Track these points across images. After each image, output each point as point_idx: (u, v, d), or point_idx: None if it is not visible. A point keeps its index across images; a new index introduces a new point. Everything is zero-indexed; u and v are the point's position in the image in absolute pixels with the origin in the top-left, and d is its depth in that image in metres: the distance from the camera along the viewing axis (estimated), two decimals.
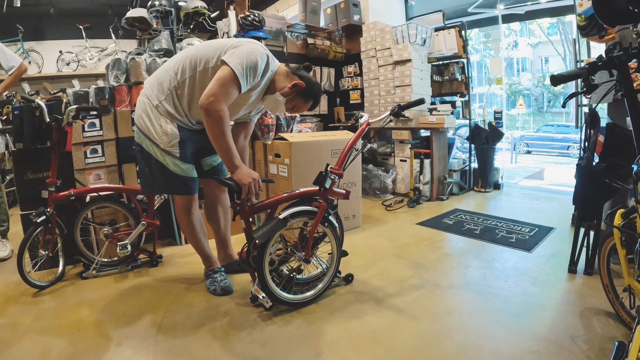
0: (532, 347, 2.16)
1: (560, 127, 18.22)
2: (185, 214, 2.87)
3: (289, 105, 2.72)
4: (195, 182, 2.82)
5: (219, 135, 2.40)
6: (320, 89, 2.82)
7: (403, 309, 2.63)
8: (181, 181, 2.72)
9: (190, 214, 2.88)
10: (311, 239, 2.64)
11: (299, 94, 2.67)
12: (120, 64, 3.86)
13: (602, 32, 3.58)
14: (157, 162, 2.67)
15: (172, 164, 2.67)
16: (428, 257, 3.55)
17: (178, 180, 2.71)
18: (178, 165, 2.67)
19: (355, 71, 6.95)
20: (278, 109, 2.75)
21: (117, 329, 2.45)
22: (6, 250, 3.78)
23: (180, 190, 2.78)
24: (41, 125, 3.35)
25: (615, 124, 2.75)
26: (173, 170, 2.68)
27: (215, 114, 2.35)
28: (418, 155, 5.60)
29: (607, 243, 2.39)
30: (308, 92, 2.69)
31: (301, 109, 2.77)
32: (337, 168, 2.66)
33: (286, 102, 2.68)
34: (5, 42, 5.83)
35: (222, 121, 2.37)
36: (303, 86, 2.64)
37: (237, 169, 2.45)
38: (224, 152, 2.45)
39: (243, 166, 2.49)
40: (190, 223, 2.91)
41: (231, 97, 2.41)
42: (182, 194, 2.80)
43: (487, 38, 7.42)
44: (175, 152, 2.65)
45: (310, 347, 2.22)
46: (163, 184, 2.74)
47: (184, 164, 2.70)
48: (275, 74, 2.66)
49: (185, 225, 2.93)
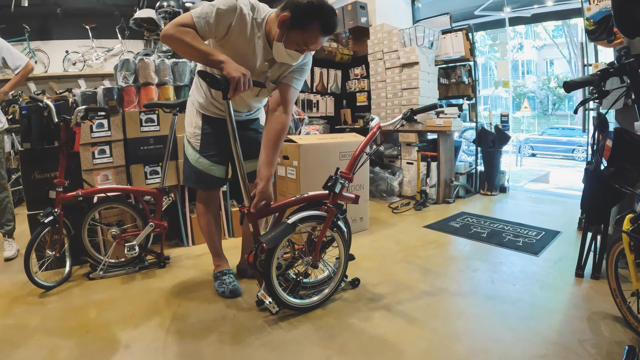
0: (540, 351, 2.16)
1: (565, 130, 18.22)
2: (202, 207, 2.92)
3: (292, 47, 2.33)
4: (213, 180, 2.82)
5: (185, 49, 2.23)
6: (321, 3, 2.26)
7: (412, 313, 2.62)
8: (197, 174, 2.75)
9: (207, 209, 2.91)
10: (319, 244, 2.62)
11: (290, 28, 2.27)
12: (129, 64, 3.86)
13: (611, 37, 3.56)
14: (184, 154, 2.79)
15: (192, 155, 2.73)
16: (436, 261, 3.54)
17: (194, 173, 2.76)
18: (196, 158, 2.72)
19: (362, 73, 6.95)
20: (290, 57, 2.38)
21: (125, 331, 2.45)
22: (12, 249, 3.79)
23: (195, 183, 2.82)
24: (49, 125, 3.36)
25: (624, 129, 2.73)
26: (192, 162, 2.74)
27: (168, 38, 2.21)
28: (425, 157, 5.59)
29: (615, 247, 2.38)
30: (299, 18, 2.24)
31: (311, 42, 2.33)
32: (347, 172, 2.63)
33: (287, 45, 2.32)
34: (12, 41, 5.88)
35: (177, 38, 2.19)
36: (288, 16, 2.24)
37: (222, 63, 2.19)
38: (201, 57, 2.25)
39: (230, 60, 2.21)
40: (206, 218, 2.93)
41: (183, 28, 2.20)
42: (197, 187, 2.85)
43: (494, 41, 7.41)
44: (196, 144, 2.70)
45: (320, 351, 2.22)
46: (184, 174, 2.86)
47: (202, 158, 2.72)
48: (267, 23, 2.38)
49: (200, 218, 2.96)
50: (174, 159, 3.82)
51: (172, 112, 3.30)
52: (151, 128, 3.76)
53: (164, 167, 3.40)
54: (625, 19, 1.85)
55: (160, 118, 3.79)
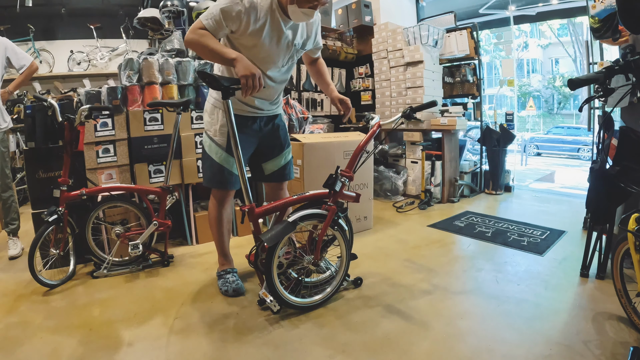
0: (544, 351, 2.15)
1: (571, 129, 18.13)
2: (217, 206, 2.89)
3: (305, 5, 2.38)
4: (236, 178, 2.80)
5: (204, 51, 2.41)
6: None
7: (415, 313, 2.61)
8: (221, 172, 2.75)
9: (222, 208, 2.90)
10: (320, 243, 2.62)
11: None
12: (133, 64, 3.87)
13: (616, 35, 3.54)
14: (206, 153, 2.78)
15: (217, 154, 2.73)
16: (440, 260, 3.53)
17: (219, 171, 2.75)
18: (224, 156, 2.73)
19: (366, 72, 6.93)
20: (305, 15, 2.43)
21: (129, 329, 2.45)
22: (17, 248, 3.80)
23: (220, 184, 2.80)
24: (53, 125, 3.36)
25: (629, 128, 2.71)
26: (218, 161, 2.74)
27: (189, 43, 2.42)
28: (429, 157, 5.58)
29: (620, 247, 2.37)
30: None
31: None
32: (348, 170, 2.63)
33: (300, 4, 2.37)
34: (17, 41, 5.89)
35: (195, 42, 2.38)
36: None
37: (234, 60, 2.31)
38: (216, 57, 2.41)
39: (242, 58, 2.32)
40: (220, 217, 2.91)
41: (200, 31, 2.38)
42: (220, 187, 2.82)
43: (499, 39, 7.38)
44: (222, 142, 2.72)
45: (322, 350, 2.22)
46: (207, 175, 2.85)
47: (229, 156, 2.72)
48: None
49: (213, 217, 2.93)
50: (178, 158, 3.83)
51: (175, 111, 3.31)
52: (155, 127, 3.76)
53: (168, 166, 3.41)
54: (630, 13, 1.84)
55: (164, 117, 3.80)
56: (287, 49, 2.64)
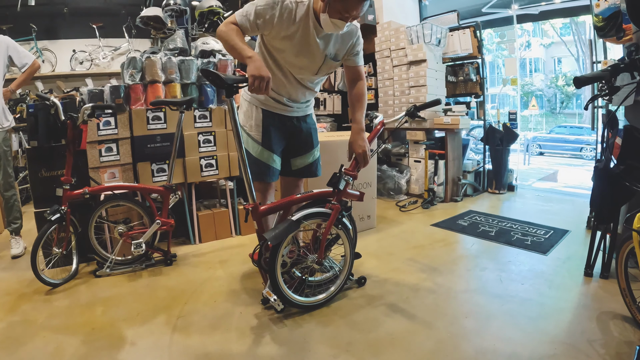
0: (549, 350, 2.14)
1: (573, 129, 18.10)
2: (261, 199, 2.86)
3: (335, 15, 2.33)
4: (272, 171, 2.80)
5: (227, 45, 2.45)
6: None
7: (419, 312, 2.60)
8: (258, 167, 2.74)
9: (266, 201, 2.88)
10: (324, 241, 2.61)
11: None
12: (136, 62, 3.86)
13: (620, 33, 3.53)
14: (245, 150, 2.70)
15: (254, 148, 2.73)
16: (443, 259, 3.52)
17: (256, 165, 2.73)
18: (260, 151, 2.73)
19: (369, 71, 6.91)
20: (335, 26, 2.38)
21: (132, 328, 2.45)
22: (19, 247, 3.81)
23: (256, 175, 2.75)
24: (56, 123, 3.36)
25: (634, 127, 2.70)
26: (255, 155, 2.73)
27: (218, 35, 2.46)
28: (432, 156, 5.56)
29: (625, 246, 2.36)
30: None
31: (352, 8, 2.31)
32: (351, 169, 2.63)
33: (331, 14, 2.33)
34: (19, 40, 5.88)
35: (223, 35, 2.43)
36: None
37: (248, 58, 2.29)
38: (235, 52, 2.42)
39: (256, 58, 2.29)
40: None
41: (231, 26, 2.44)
42: (259, 180, 2.78)
43: (502, 38, 7.34)
44: (257, 137, 2.73)
45: (326, 349, 2.21)
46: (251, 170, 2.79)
47: (265, 150, 2.73)
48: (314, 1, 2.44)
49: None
50: (181, 157, 3.82)
51: (179, 109, 3.31)
52: (158, 126, 3.76)
53: (171, 164, 3.41)
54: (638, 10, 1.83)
55: (167, 116, 3.80)
56: (319, 56, 2.61)
